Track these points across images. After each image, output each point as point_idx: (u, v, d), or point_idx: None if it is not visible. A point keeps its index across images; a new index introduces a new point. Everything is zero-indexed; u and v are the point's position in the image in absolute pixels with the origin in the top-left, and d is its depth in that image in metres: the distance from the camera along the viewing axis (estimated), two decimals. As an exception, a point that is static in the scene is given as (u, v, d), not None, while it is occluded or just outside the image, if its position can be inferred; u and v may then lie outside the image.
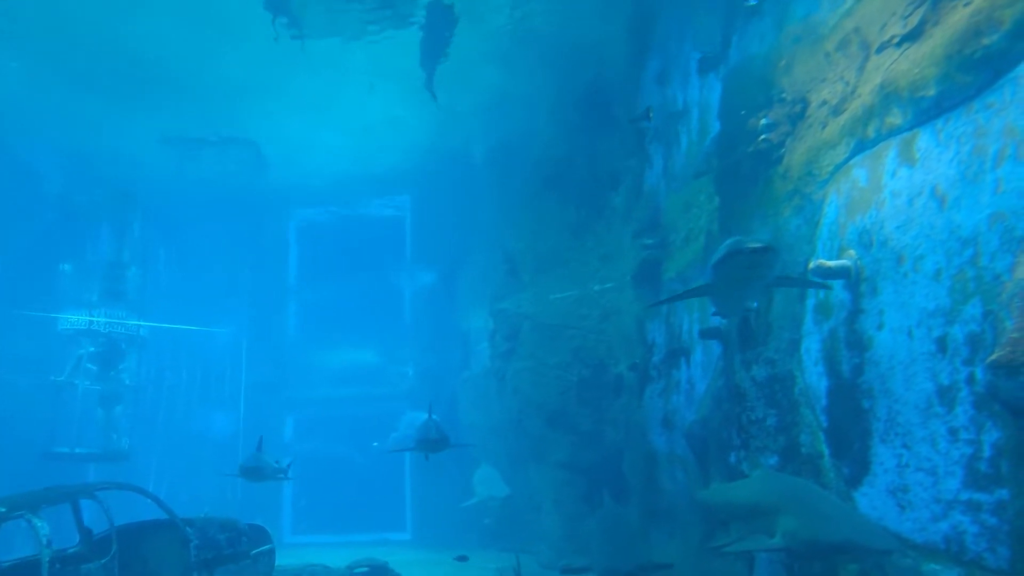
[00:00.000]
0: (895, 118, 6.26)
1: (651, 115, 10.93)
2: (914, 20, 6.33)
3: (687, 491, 10.42)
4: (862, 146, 6.76)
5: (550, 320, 15.05)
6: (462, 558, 10.62)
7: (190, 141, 17.43)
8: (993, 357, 4.90)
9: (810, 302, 7.39)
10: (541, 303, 15.46)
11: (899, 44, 6.53)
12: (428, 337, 21.44)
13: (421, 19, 12.40)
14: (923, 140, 5.95)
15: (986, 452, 5.14)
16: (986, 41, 5.26)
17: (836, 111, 7.38)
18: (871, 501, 6.30)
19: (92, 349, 17.49)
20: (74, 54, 13.60)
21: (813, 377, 7.26)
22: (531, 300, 15.80)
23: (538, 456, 14.93)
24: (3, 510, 7.36)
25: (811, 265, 6.93)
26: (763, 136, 8.39)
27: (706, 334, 9.66)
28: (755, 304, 8.19)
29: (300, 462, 21.86)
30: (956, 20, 5.72)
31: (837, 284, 6.88)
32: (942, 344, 5.59)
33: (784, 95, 8.27)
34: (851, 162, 6.92)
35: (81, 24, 12.59)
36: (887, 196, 6.32)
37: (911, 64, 6.10)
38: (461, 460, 16.47)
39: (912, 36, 6.36)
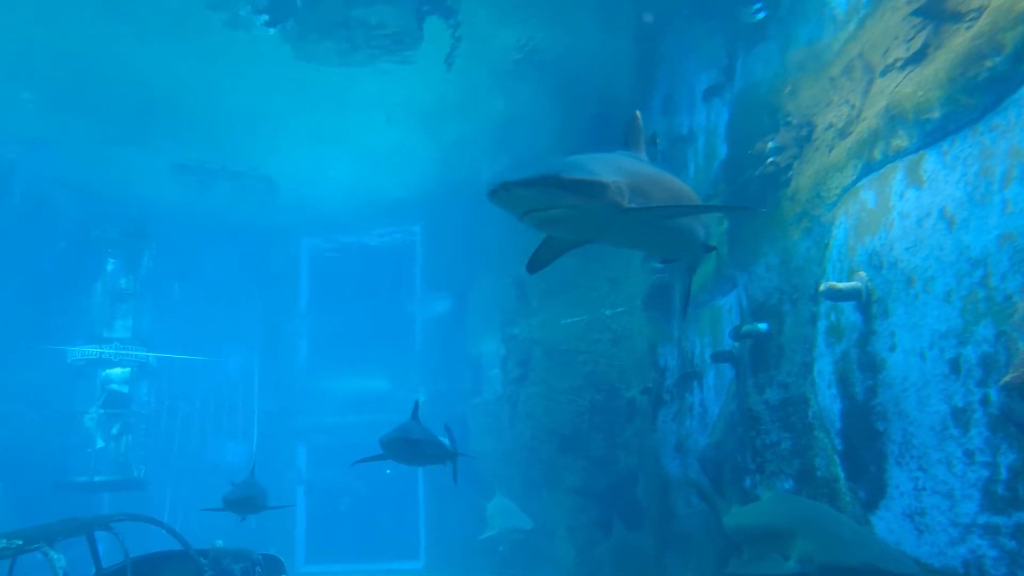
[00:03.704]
0: (901, 140, 6.30)
1: (657, 141, 10.97)
2: (917, 43, 6.41)
3: (702, 516, 10.34)
4: (869, 168, 6.80)
5: (561, 345, 15.04)
6: None
7: (201, 172, 17.63)
8: (1007, 379, 4.89)
9: (822, 324, 7.39)
10: (552, 328, 15.46)
11: (903, 67, 6.60)
12: (439, 363, 21.44)
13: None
14: (929, 162, 5.98)
15: (1003, 475, 5.11)
16: (989, 64, 5.31)
17: (842, 134, 7.44)
18: (888, 525, 6.25)
19: (103, 385, 17.59)
20: (87, 87, 13.82)
21: (827, 400, 7.24)
22: (541, 325, 15.81)
23: (551, 482, 14.86)
24: (19, 543, 7.38)
25: (822, 287, 6.95)
26: (770, 159, 8.44)
27: (718, 357, 9.65)
28: (764, 327, 8.19)
29: (313, 490, 21.96)
30: (958, 43, 5.78)
31: (848, 306, 6.89)
32: (955, 365, 5.57)
33: (790, 119, 8.33)
34: (859, 184, 6.96)
35: (94, 57, 12.82)
36: (896, 218, 6.35)
37: (915, 87, 6.15)
38: (475, 485, 16.42)
39: (915, 59, 6.43)
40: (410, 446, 8.58)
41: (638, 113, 5.70)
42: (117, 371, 17.86)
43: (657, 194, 4.80)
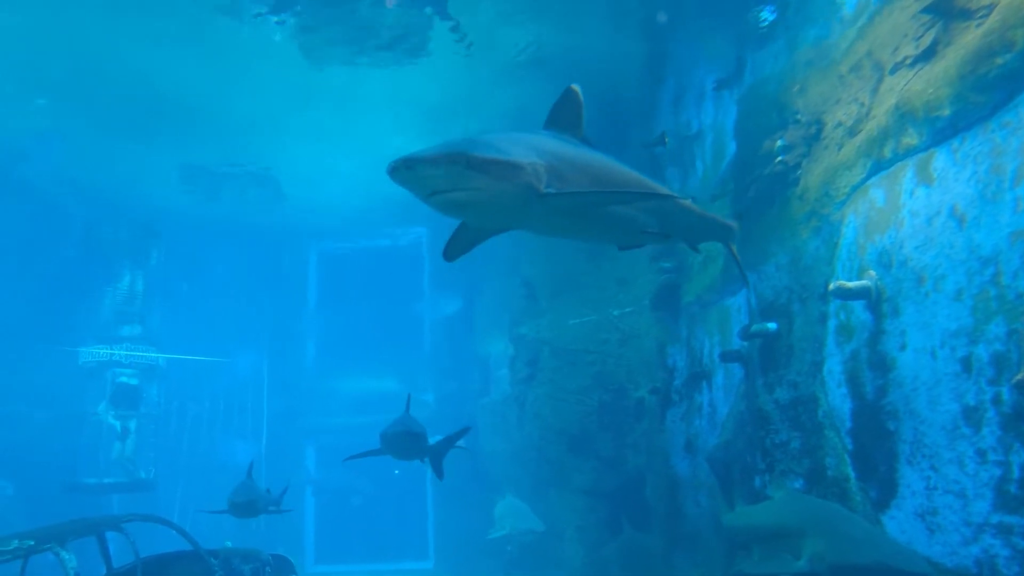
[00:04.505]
0: (911, 138, 6.27)
1: (666, 139, 10.96)
2: (926, 41, 6.38)
3: (711, 516, 10.32)
4: (879, 167, 6.77)
5: (569, 345, 15.04)
6: None
7: (210, 173, 17.69)
8: (1019, 377, 4.86)
9: (832, 323, 7.36)
10: (560, 328, 15.46)
11: (912, 65, 6.57)
12: (447, 363, 21.46)
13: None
14: (940, 160, 5.95)
15: (1015, 473, 5.07)
16: (999, 61, 5.28)
17: (852, 132, 7.41)
18: (899, 524, 6.23)
19: (113, 387, 17.69)
20: (95, 88, 13.88)
21: (837, 399, 7.21)
22: (550, 325, 15.81)
23: (559, 482, 14.85)
24: (31, 543, 7.43)
25: (831, 286, 6.93)
26: (779, 158, 8.42)
27: (727, 357, 9.63)
28: (774, 326, 8.17)
29: (322, 491, 22.01)
30: (969, 40, 5.75)
31: (858, 305, 6.86)
32: (966, 364, 5.54)
33: (799, 117, 8.31)
34: (868, 183, 6.93)
35: (101, 59, 12.87)
36: (905, 216, 6.32)
37: (925, 84, 6.12)
38: (483, 486, 16.43)
39: (925, 57, 6.40)
40: (412, 440, 8.52)
41: (576, 88, 5.15)
42: (124, 384, 17.94)
43: (580, 179, 4.40)
